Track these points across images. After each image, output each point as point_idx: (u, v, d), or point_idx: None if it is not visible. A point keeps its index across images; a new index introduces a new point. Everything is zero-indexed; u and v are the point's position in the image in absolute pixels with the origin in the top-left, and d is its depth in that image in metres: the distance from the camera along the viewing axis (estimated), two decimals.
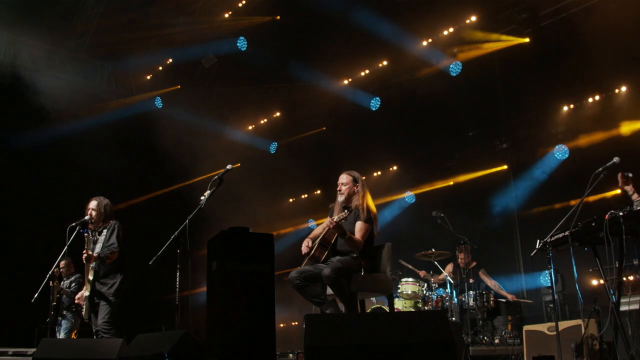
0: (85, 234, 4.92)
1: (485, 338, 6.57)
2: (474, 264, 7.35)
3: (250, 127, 11.61)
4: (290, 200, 11.64)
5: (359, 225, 4.50)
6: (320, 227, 4.86)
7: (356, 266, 4.45)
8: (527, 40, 8.15)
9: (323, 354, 2.21)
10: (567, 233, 4.26)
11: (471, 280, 6.98)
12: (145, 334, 3.56)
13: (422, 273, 7.42)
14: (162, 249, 3.91)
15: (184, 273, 4.03)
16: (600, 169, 4.32)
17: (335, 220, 4.29)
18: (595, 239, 4.23)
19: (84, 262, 4.93)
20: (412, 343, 2.26)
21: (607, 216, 4.01)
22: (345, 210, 4.30)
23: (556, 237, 4.35)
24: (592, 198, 4.55)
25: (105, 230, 5.15)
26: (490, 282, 7.33)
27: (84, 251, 4.88)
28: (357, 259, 4.47)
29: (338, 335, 2.29)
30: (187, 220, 3.97)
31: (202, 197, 4.11)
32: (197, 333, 3.60)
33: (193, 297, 4.18)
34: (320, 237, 4.55)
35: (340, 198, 4.64)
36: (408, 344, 2.25)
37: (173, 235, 3.92)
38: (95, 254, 4.92)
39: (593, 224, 4.15)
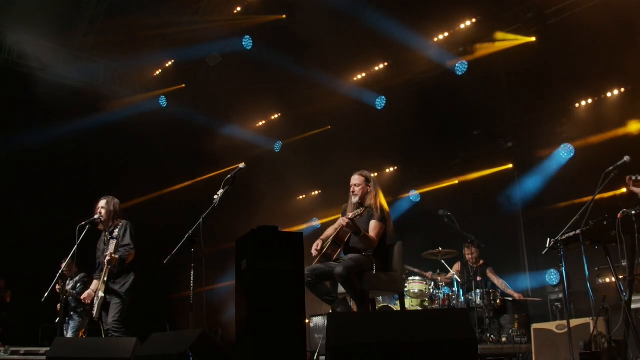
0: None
1: (492, 336, 6.59)
2: (482, 262, 7.37)
3: (255, 126, 11.60)
4: (295, 199, 11.64)
5: (373, 224, 4.53)
6: (331, 228, 4.88)
7: (368, 264, 4.47)
8: (533, 39, 8.14)
9: (347, 352, 2.22)
10: (578, 231, 4.28)
11: (479, 279, 7.01)
12: (161, 333, 3.56)
13: (428, 274, 7.44)
14: (177, 248, 3.91)
15: (187, 271, 4.02)
16: (611, 167, 4.34)
17: (350, 216, 4.31)
18: (607, 238, 4.26)
19: (106, 264, 4.94)
20: (435, 341, 2.27)
21: (619, 215, 4.05)
22: (361, 207, 4.32)
23: (567, 235, 4.38)
24: (600, 196, 4.55)
25: (116, 230, 5.16)
26: (498, 281, 7.37)
27: (107, 254, 4.88)
28: (369, 257, 4.49)
29: (361, 334, 2.30)
30: (201, 219, 3.97)
31: (216, 196, 4.12)
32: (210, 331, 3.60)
33: (196, 295, 4.16)
34: (334, 234, 4.57)
35: (355, 199, 4.66)
36: (431, 341, 2.27)
37: (187, 234, 3.93)
38: (116, 256, 4.92)
39: (605, 223, 4.18)
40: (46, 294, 5.17)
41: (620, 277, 4.53)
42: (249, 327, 2.46)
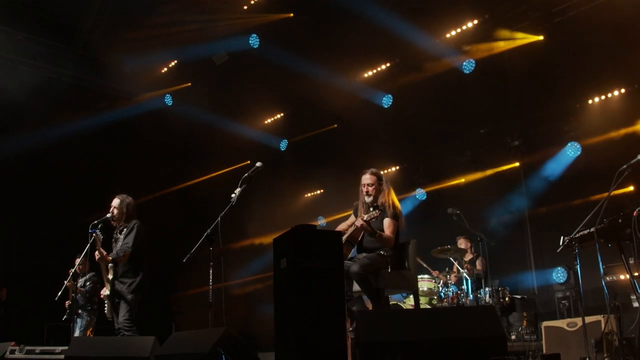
0: (95, 234, 4.89)
1: None
2: (475, 254, 7.45)
3: (260, 125, 11.59)
4: (300, 197, 11.64)
5: (386, 222, 4.55)
6: (345, 223, 4.89)
7: (383, 263, 4.48)
8: (540, 37, 8.15)
9: (379, 350, 2.24)
10: (592, 229, 4.29)
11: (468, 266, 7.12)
12: (181, 332, 3.57)
13: (434, 273, 7.47)
14: (196, 247, 3.92)
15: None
16: (625, 166, 4.33)
17: (365, 219, 4.32)
18: (621, 236, 4.26)
19: (98, 261, 4.95)
20: (466, 338, 2.29)
21: (635, 213, 4.05)
22: (377, 210, 4.32)
23: (582, 233, 4.39)
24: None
25: (125, 230, 5.17)
26: (481, 267, 7.47)
27: (96, 252, 4.89)
28: (384, 256, 4.51)
29: (393, 331, 2.32)
30: (219, 218, 3.98)
31: (233, 195, 4.12)
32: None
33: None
34: (347, 234, 4.59)
35: (368, 199, 4.67)
36: (461, 339, 2.28)
37: (206, 233, 3.93)
38: (109, 256, 4.93)
39: (620, 221, 4.18)
40: (59, 293, 5.17)
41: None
42: (292, 325, 2.47)
